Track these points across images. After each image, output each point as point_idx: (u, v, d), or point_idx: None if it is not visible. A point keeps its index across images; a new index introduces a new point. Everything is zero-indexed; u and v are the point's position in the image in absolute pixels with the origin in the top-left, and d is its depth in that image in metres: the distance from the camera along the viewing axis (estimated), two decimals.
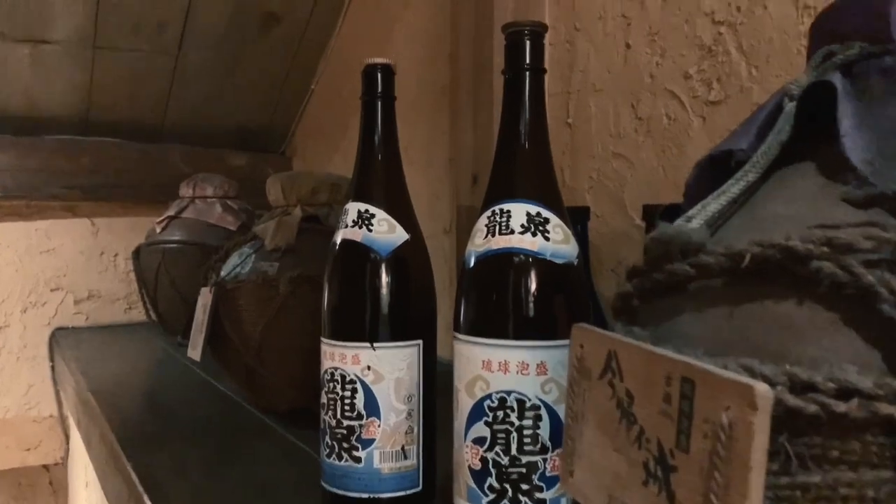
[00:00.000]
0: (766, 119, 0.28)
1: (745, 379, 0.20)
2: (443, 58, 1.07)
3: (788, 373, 0.21)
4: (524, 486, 0.42)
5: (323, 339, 0.53)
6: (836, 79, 0.25)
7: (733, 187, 0.26)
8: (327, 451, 0.52)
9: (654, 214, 0.66)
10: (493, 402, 0.43)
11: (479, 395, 0.43)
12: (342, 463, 0.51)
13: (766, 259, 0.22)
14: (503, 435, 0.42)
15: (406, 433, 0.52)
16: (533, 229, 0.43)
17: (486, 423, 0.43)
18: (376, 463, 0.51)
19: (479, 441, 0.43)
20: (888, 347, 0.20)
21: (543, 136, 0.45)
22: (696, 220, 0.26)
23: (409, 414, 0.52)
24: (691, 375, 0.22)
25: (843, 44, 0.27)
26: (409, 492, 0.53)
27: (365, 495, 0.51)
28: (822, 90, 0.26)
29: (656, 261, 0.27)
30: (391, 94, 0.54)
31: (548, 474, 0.42)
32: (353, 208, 0.53)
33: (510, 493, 0.42)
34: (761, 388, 0.20)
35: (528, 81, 0.45)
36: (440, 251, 1.09)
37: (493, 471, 0.43)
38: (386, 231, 0.52)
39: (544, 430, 0.42)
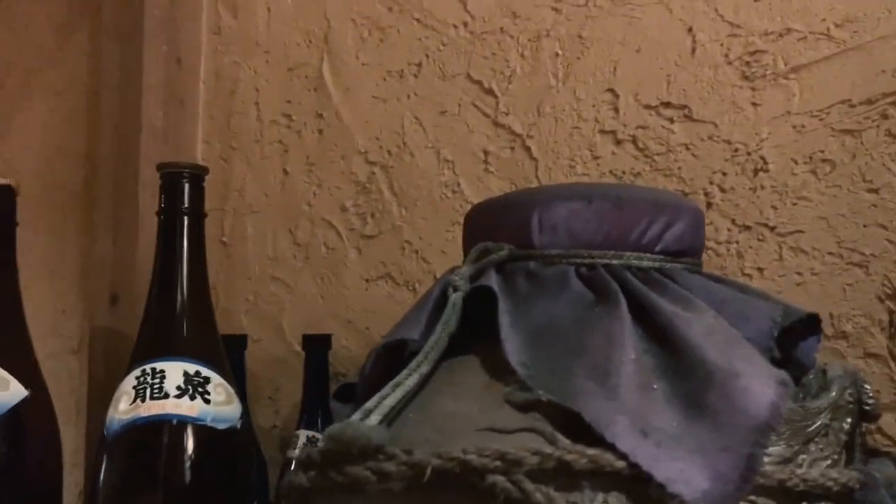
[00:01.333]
0: (434, 308, 0.29)
1: None
2: (76, 157, 0.96)
3: None
4: None
5: None
6: (493, 280, 0.28)
7: (408, 379, 0.27)
8: None
9: (315, 344, 0.66)
10: None
11: None
12: None
13: (446, 471, 0.23)
14: None
15: None
16: (191, 391, 0.39)
17: None
18: None
19: None
20: None
21: (203, 284, 0.42)
22: (374, 415, 0.26)
23: None
24: None
25: (495, 242, 0.30)
26: None
27: None
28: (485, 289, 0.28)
29: (334, 460, 0.26)
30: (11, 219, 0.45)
31: None
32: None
33: None
34: None
35: (185, 225, 0.41)
36: (65, 374, 0.94)
37: None
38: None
39: None
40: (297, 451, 0.59)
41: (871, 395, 0.24)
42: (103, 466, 0.38)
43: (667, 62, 0.58)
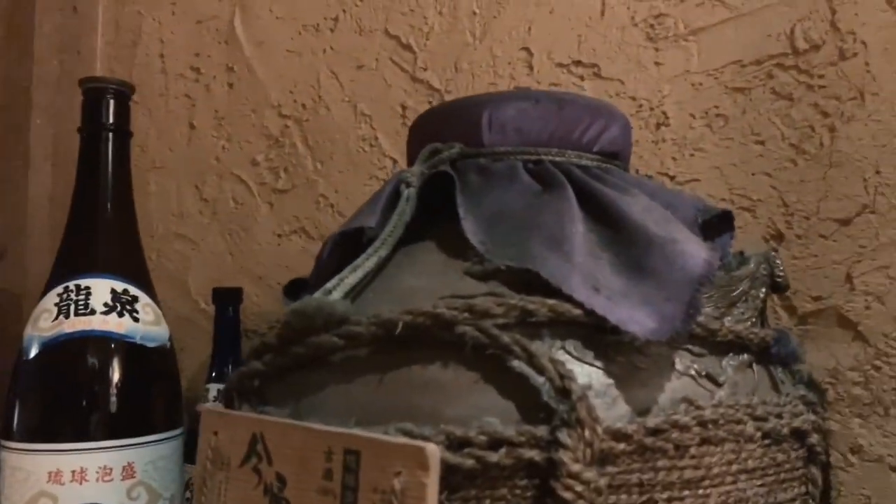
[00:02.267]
0: (387, 202, 0.30)
1: (414, 442, 0.21)
2: None
3: (445, 431, 0.22)
4: None
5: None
6: (449, 170, 0.29)
7: (367, 261, 0.28)
8: None
9: (226, 298, 0.65)
10: None
11: None
12: None
13: (416, 326, 0.24)
14: None
15: None
16: (119, 309, 0.38)
17: None
18: None
19: None
20: (521, 399, 0.23)
21: (129, 204, 0.41)
22: (336, 292, 0.27)
23: None
24: (357, 446, 0.22)
25: (444, 143, 0.31)
26: None
27: None
28: (438, 180, 0.29)
29: (296, 334, 0.27)
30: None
31: None
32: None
33: None
34: (431, 448, 0.21)
35: (110, 142, 0.40)
36: None
37: None
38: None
39: None
40: (208, 405, 0.58)
41: (782, 269, 0.28)
42: (21, 389, 0.36)
43: (578, 23, 0.61)
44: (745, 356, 0.26)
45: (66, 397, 0.36)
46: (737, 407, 0.23)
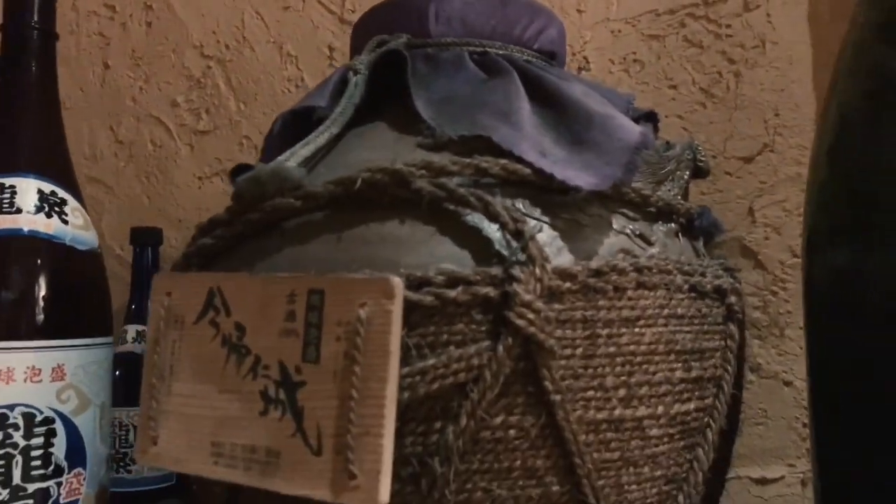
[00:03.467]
0: (335, 88, 0.31)
1: (379, 275, 0.22)
2: None
3: (405, 274, 0.23)
4: None
5: None
6: (403, 50, 0.30)
7: (319, 137, 0.28)
8: None
9: (145, 239, 0.63)
10: None
11: None
12: None
13: (374, 183, 0.25)
14: (3, 462, 0.34)
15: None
16: (48, 210, 0.37)
17: None
18: None
19: None
20: (474, 248, 0.24)
21: (56, 106, 0.39)
22: (290, 161, 0.27)
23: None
24: (321, 286, 0.23)
25: (391, 35, 0.32)
26: None
27: None
28: (383, 69, 0.30)
29: (248, 203, 0.27)
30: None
31: (62, 501, 0.35)
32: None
33: None
34: (395, 279, 0.22)
35: (35, 42, 0.39)
36: None
37: None
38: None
39: (59, 449, 0.35)
40: (127, 345, 0.57)
41: (703, 155, 0.30)
42: None
43: None
44: (673, 225, 0.28)
45: None
46: (667, 261, 0.26)
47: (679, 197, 0.29)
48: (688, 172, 0.29)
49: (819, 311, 0.27)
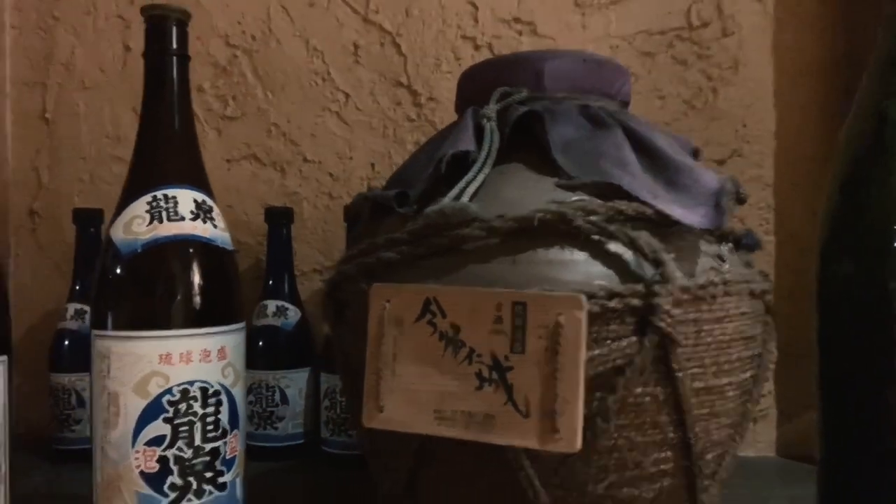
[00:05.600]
0: (474, 133, 0.39)
1: (570, 293, 0.31)
2: None
3: (574, 290, 0.33)
4: (208, 475, 0.42)
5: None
6: (539, 109, 0.39)
7: (478, 175, 0.37)
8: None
9: (278, 217, 0.69)
10: (174, 395, 0.41)
11: (156, 391, 0.41)
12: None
13: (545, 221, 0.34)
14: (186, 428, 0.41)
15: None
16: (202, 216, 0.43)
17: (166, 420, 0.41)
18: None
19: (155, 441, 0.41)
20: (617, 270, 0.34)
21: (192, 123, 0.45)
22: (464, 198, 0.36)
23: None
24: (523, 299, 0.32)
25: (511, 87, 0.41)
26: None
27: None
28: (529, 116, 0.39)
29: (433, 229, 0.35)
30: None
31: (227, 457, 0.43)
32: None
33: (195, 485, 0.41)
34: (582, 296, 0.31)
35: (175, 66, 0.44)
36: None
37: (174, 468, 0.41)
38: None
39: (224, 415, 0.43)
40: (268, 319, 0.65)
41: (742, 188, 0.41)
42: (123, 285, 0.41)
43: None
44: (731, 244, 0.39)
45: (171, 291, 0.41)
46: (737, 273, 0.36)
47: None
48: (734, 202, 0.40)
49: (827, 309, 0.39)
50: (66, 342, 0.66)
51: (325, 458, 0.65)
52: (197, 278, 0.42)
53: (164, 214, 0.42)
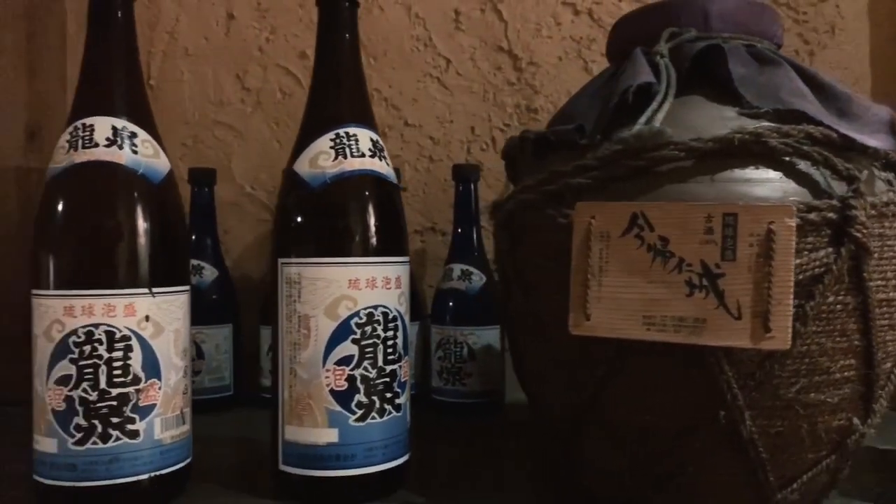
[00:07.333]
0: (650, 68, 0.41)
1: (781, 203, 0.34)
2: None
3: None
4: (388, 395, 0.44)
5: (59, 292, 0.41)
6: (720, 43, 0.41)
7: (664, 104, 0.39)
8: (78, 436, 0.40)
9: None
10: (360, 318, 0.43)
11: (345, 314, 0.43)
12: (109, 444, 0.41)
13: (744, 142, 0.36)
14: (371, 349, 0.44)
15: (183, 394, 0.45)
16: (378, 154, 0.46)
17: (354, 341, 0.43)
18: (157, 433, 0.42)
19: (344, 361, 0.43)
20: (809, 187, 0.36)
21: (361, 67, 0.48)
22: (655, 122, 0.38)
23: (185, 371, 0.45)
24: (734, 210, 0.34)
25: (679, 27, 0.43)
26: (188, 461, 0.45)
27: (145, 476, 0.42)
28: (709, 51, 0.41)
29: (628, 153, 0.38)
30: None
31: (402, 380, 0.46)
32: (100, 123, 0.43)
33: (377, 403, 0.44)
34: (792, 206, 0.34)
35: (348, 14, 0.47)
36: None
37: (360, 386, 0.43)
38: (152, 155, 0.44)
39: (399, 340, 0.45)
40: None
41: None
42: (312, 215, 0.44)
43: None
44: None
45: (360, 221, 0.43)
46: None
47: None
48: None
49: None
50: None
51: (436, 405, 0.68)
52: (380, 211, 0.45)
53: (347, 150, 0.44)
